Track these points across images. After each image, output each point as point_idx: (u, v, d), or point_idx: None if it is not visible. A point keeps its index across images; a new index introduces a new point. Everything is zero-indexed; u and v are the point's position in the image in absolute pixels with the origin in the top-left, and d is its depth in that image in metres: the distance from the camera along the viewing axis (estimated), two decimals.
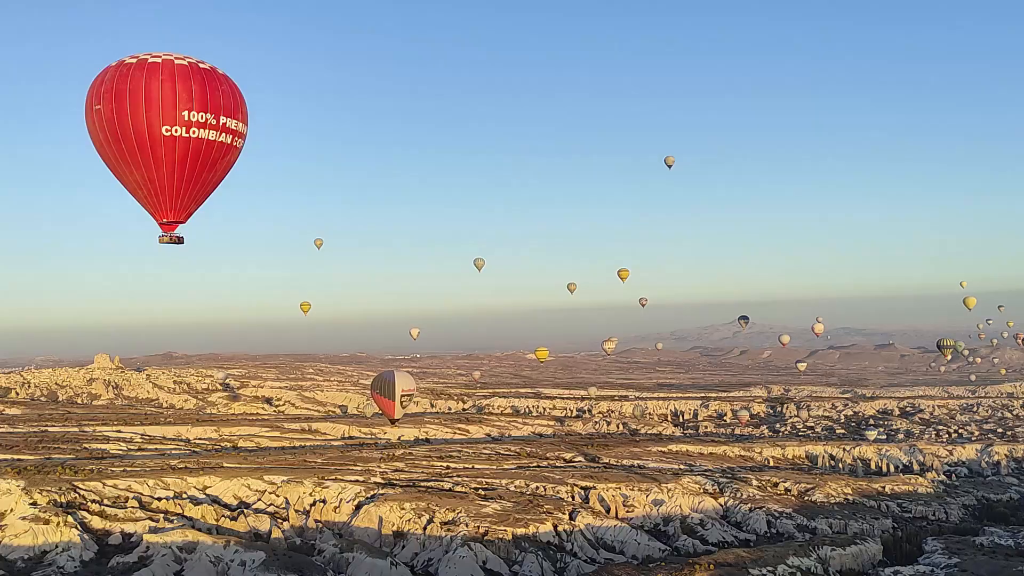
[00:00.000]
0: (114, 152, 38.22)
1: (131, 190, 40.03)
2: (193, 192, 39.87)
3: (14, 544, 75.86)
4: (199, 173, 39.11)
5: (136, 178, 38.66)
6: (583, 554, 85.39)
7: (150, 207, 40.13)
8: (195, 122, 37.72)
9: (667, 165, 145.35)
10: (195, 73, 37.97)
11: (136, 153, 37.61)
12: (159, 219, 40.56)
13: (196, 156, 38.38)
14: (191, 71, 37.86)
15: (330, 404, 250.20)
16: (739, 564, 74.24)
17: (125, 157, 37.91)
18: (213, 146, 38.87)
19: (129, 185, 39.66)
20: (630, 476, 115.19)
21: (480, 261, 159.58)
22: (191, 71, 37.86)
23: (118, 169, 39.09)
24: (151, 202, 39.71)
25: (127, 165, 38.23)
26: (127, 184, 39.68)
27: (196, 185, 39.57)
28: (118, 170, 39.21)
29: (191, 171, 38.67)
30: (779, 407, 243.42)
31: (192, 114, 37.63)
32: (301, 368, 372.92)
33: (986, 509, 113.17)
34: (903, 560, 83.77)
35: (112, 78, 37.93)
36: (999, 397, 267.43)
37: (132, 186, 39.53)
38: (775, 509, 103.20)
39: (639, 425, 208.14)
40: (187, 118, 37.54)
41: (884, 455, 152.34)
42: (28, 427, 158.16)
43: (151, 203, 39.79)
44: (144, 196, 39.67)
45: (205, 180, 39.91)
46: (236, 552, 76.04)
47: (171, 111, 37.43)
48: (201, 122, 37.88)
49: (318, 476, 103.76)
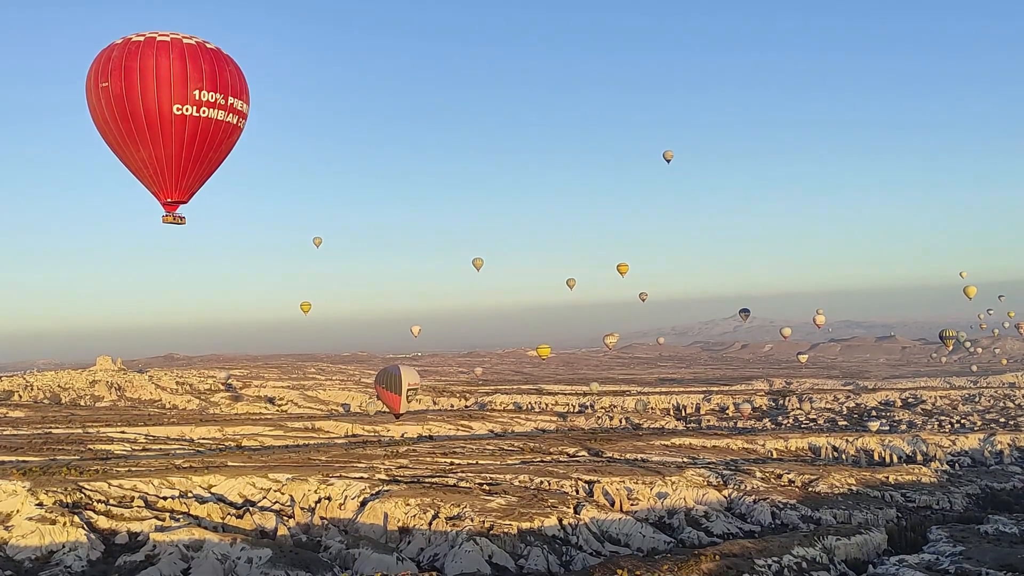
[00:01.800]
0: (120, 130, 37.57)
1: (134, 169, 39.35)
2: (197, 172, 39.52)
3: (21, 544, 76.06)
4: (205, 153, 38.78)
5: (142, 157, 38.07)
6: (588, 547, 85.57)
7: (154, 187, 39.60)
8: (205, 102, 37.49)
9: (666, 160, 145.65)
10: (204, 53, 37.61)
11: (145, 132, 37.07)
12: (162, 199, 40.02)
13: (204, 136, 38.08)
14: (200, 51, 37.45)
15: (333, 403, 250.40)
16: (745, 555, 74.37)
17: (133, 135, 37.31)
18: (221, 126, 38.62)
19: (133, 164, 38.98)
20: (634, 470, 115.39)
21: (479, 261, 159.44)
22: (200, 51, 37.45)
23: (123, 148, 38.36)
24: (156, 182, 39.22)
25: (134, 144, 37.63)
26: (131, 163, 38.96)
27: (201, 165, 39.24)
28: (123, 149, 38.47)
29: (198, 151, 38.34)
30: (781, 400, 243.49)
31: (203, 93, 37.37)
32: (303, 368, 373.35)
33: (990, 498, 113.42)
34: (908, 549, 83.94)
35: (120, 55, 37.10)
36: (1001, 387, 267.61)
37: (136, 165, 38.88)
38: (779, 500, 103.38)
39: (642, 420, 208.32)
40: (198, 97, 37.27)
41: (887, 446, 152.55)
42: (32, 429, 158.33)
43: (155, 183, 39.29)
44: (149, 175, 39.09)
45: (210, 160, 39.57)
46: (243, 549, 76.24)
47: (182, 90, 37.05)
48: (211, 102, 37.67)
49: (323, 474, 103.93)
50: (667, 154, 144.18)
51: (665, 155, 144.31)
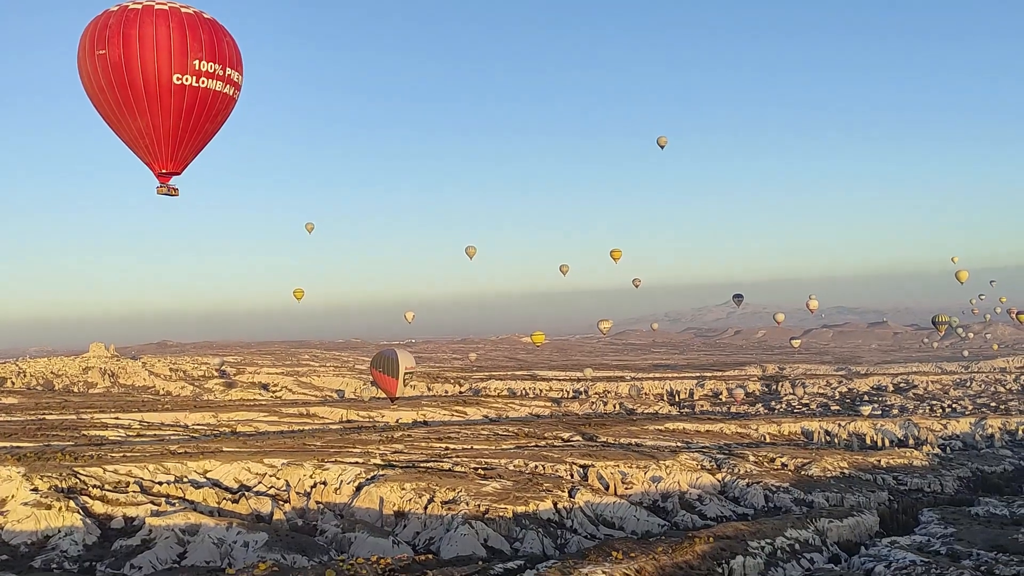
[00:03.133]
0: (117, 99, 36.89)
1: (129, 139, 38.61)
2: (192, 142, 39.02)
3: (17, 529, 76.14)
4: (202, 124, 38.31)
5: (139, 126, 37.37)
6: (583, 530, 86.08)
7: (148, 157, 38.97)
8: (204, 72, 37.01)
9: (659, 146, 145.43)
10: (202, 23, 37.09)
11: (144, 101, 36.40)
12: (156, 170, 39.36)
13: (202, 106, 37.61)
14: (198, 21, 36.91)
15: (327, 389, 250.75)
16: (738, 537, 74.85)
17: (130, 104, 36.56)
18: (218, 97, 38.19)
19: (128, 134, 38.26)
20: (628, 454, 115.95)
21: (472, 249, 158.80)
22: (198, 21, 36.91)
23: (118, 117, 37.55)
24: (151, 152, 38.58)
25: (131, 113, 36.92)
26: (126, 133, 38.24)
27: (197, 135, 38.76)
28: (118, 118, 37.74)
29: (196, 121, 37.86)
30: (774, 385, 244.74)
31: (203, 63, 36.90)
32: (296, 354, 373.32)
33: (981, 480, 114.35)
34: (900, 531, 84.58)
35: (118, 23, 36.37)
36: (992, 372, 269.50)
37: (131, 135, 38.15)
38: (772, 484, 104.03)
39: (635, 405, 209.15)
40: (197, 67, 36.77)
41: (879, 430, 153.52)
42: (26, 415, 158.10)
43: (150, 153, 38.66)
44: (144, 146, 38.40)
45: (205, 131, 39.11)
46: (239, 534, 76.47)
47: (182, 59, 36.55)
48: (210, 72, 37.22)
49: (318, 459, 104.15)
50: (661, 140, 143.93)
51: (659, 141, 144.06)
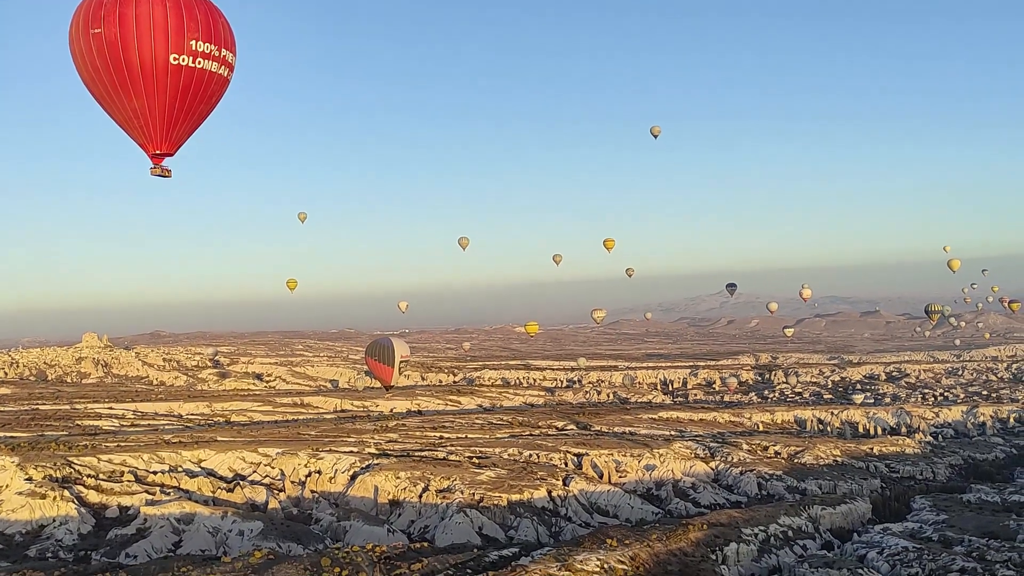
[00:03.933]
0: (112, 80, 36.58)
1: (122, 120, 38.35)
2: (186, 123, 38.77)
3: (11, 519, 76.15)
4: (196, 105, 38.08)
5: (133, 107, 37.08)
6: (577, 518, 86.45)
7: (142, 138, 38.74)
8: (201, 52, 36.76)
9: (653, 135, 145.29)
10: (197, 3, 36.91)
11: (139, 81, 36.09)
12: (150, 151, 39.20)
13: (198, 87, 37.35)
14: (194, 0, 36.89)
15: (321, 379, 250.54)
16: (732, 524, 75.31)
17: (125, 84, 36.24)
18: (213, 78, 37.97)
19: (121, 115, 37.99)
20: (622, 443, 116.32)
21: (465, 240, 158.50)
22: (194, 0, 36.89)
23: (112, 98, 37.18)
24: (145, 133, 38.34)
25: (125, 94, 36.63)
26: (119, 113, 37.96)
27: (191, 116, 38.52)
28: (112, 99, 37.27)
29: (191, 102, 37.62)
30: (767, 374, 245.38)
31: (199, 44, 36.66)
32: (290, 345, 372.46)
33: (972, 468, 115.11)
34: (892, 518, 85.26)
35: (112, 1, 36.05)
36: (983, 360, 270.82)
37: (125, 115, 37.88)
38: (765, 472, 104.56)
39: (629, 394, 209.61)
40: (194, 48, 36.54)
41: (872, 418, 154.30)
42: (19, 405, 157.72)
43: (144, 134, 38.41)
44: (138, 127, 38.13)
45: (200, 112, 38.89)
46: (234, 522, 76.61)
47: (179, 39, 36.15)
48: (206, 53, 36.97)
49: (312, 448, 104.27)
50: (654, 130, 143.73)
51: (652, 131, 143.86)
